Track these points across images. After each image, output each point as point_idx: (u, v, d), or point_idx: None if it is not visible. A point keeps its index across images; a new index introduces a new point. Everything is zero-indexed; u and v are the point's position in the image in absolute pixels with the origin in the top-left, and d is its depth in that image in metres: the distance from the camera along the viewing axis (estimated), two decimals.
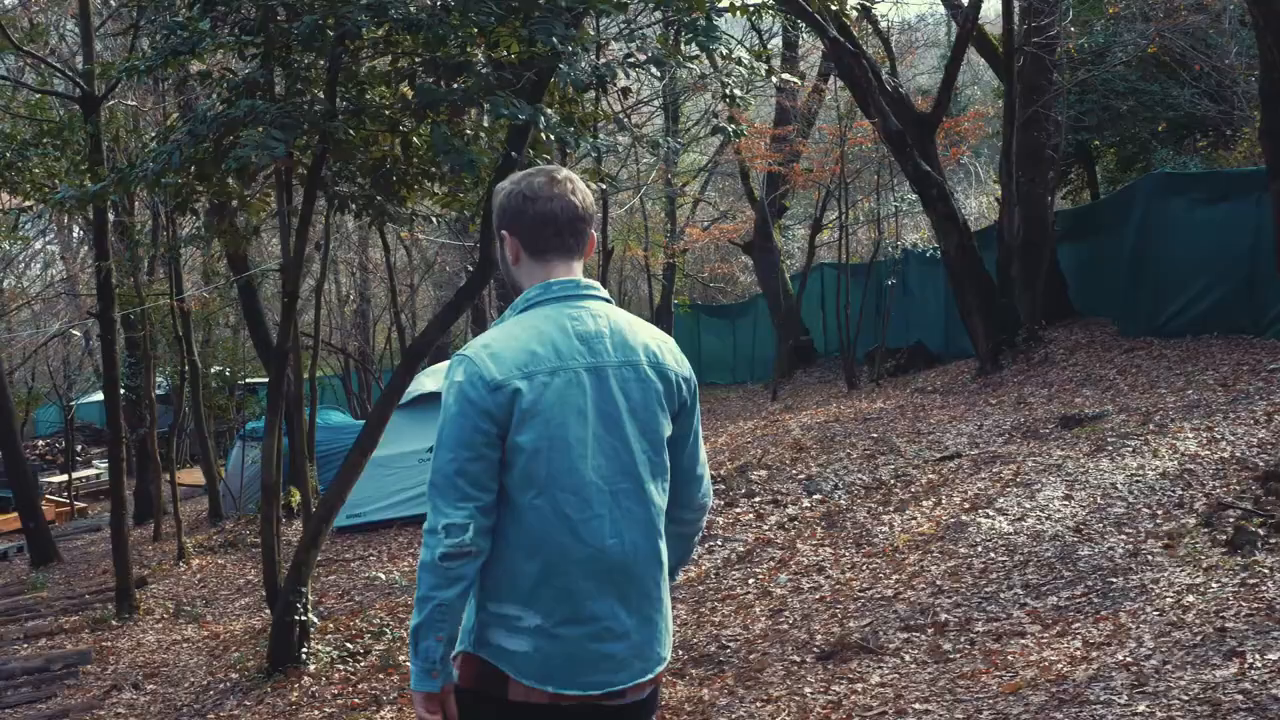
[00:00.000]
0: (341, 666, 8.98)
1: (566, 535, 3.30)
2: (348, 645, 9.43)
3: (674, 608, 8.78)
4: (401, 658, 8.77)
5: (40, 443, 38.74)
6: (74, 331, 34.75)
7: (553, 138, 8.98)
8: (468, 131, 9.35)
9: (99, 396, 41.74)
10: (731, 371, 34.15)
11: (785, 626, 8.02)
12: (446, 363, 17.12)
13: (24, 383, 35.75)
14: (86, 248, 34.34)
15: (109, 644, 11.68)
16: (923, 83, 34.94)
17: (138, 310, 19.42)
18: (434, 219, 12.30)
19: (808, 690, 6.70)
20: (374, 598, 11.74)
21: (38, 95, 15.85)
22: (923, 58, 35.68)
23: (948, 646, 7.01)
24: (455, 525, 3.23)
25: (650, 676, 3.44)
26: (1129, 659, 6.04)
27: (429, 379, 16.50)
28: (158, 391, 25.02)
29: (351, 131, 9.10)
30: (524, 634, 3.30)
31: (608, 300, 3.53)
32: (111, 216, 14.97)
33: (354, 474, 9.40)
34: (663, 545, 3.46)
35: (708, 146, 36.33)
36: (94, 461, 35.99)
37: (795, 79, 9.08)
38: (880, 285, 24.31)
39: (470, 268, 30.84)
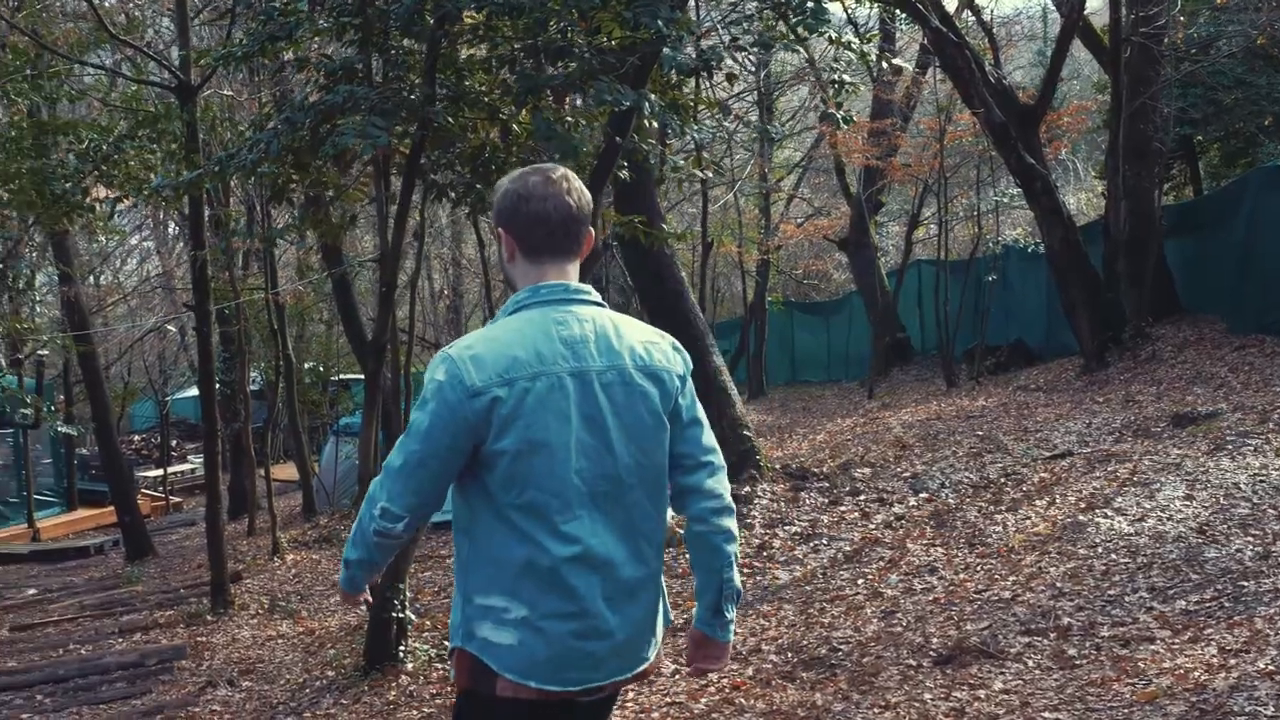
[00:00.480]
0: (440, 665, 8.75)
1: (548, 535, 3.35)
2: (446, 644, 9.19)
3: (781, 607, 8.59)
4: None
5: (136, 438, 39.10)
6: (169, 327, 34.91)
7: (655, 124, 8.75)
8: (568, 119, 9.11)
9: (194, 392, 42.07)
10: (825, 369, 33.81)
11: (899, 629, 7.73)
12: None
13: (120, 378, 35.97)
14: (182, 244, 34.53)
15: (204, 639, 11.54)
16: (1018, 78, 34.40)
17: (232, 304, 19.39)
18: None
19: (927, 696, 6.41)
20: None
21: (134, 87, 15.81)
22: (1021, 52, 35.10)
23: (1072, 652, 6.70)
24: (393, 514, 3.41)
25: (628, 676, 3.50)
26: (1271, 667, 5.70)
27: None
28: (252, 387, 25.10)
29: (450, 119, 8.91)
30: (510, 626, 3.36)
31: (599, 304, 3.55)
32: (207, 211, 14.87)
33: None
34: (651, 545, 3.50)
35: (802, 142, 35.98)
36: (189, 456, 36.38)
37: (904, 64, 8.81)
38: (979, 282, 23.88)
39: None
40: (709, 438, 3.66)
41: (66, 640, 12.64)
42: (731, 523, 3.64)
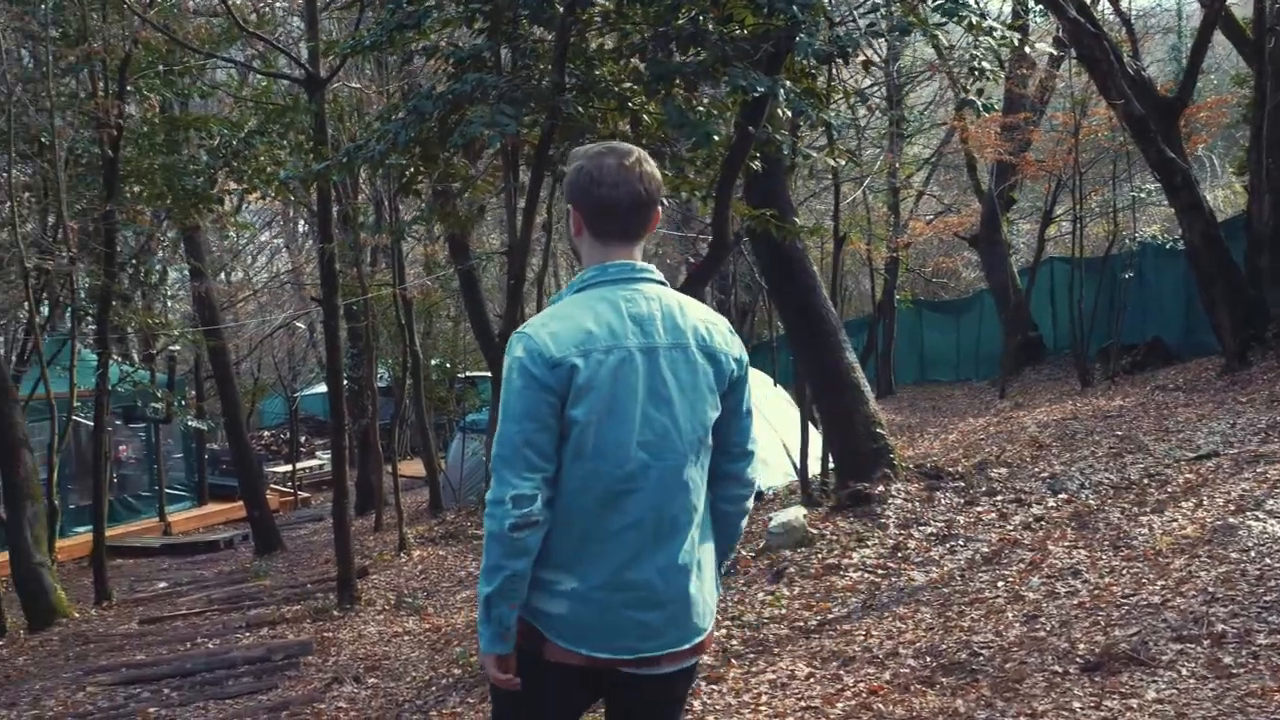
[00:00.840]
0: None
1: (608, 505, 3.48)
2: None
3: (918, 610, 8.33)
4: None
5: (266, 434, 39.39)
6: (298, 324, 35.15)
7: (789, 113, 8.54)
8: (699, 108, 8.91)
9: (322, 389, 42.33)
10: (955, 369, 33.29)
11: (1042, 634, 7.43)
12: None
13: (250, 374, 36.31)
14: (311, 240, 34.77)
15: (330, 635, 11.47)
16: (1152, 73, 33.66)
17: (360, 301, 19.42)
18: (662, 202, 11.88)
19: (1076, 705, 6.11)
20: None
21: (264, 83, 15.84)
22: (1156, 46, 34.34)
23: (1228, 660, 6.37)
24: (524, 496, 3.40)
25: (685, 647, 3.60)
26: None
27: None
28: (379, 384, 25.19)
29: (580, 109, 8.75)
30: (561, 597, 3.48)
31: (662, 283, 3.68)
32: (335, 206, 14.87)
33: None
34: (701, 521, 3.64)
35: (931, 138, 35.50)
36: (317, 452, 36.55)
37: (1048, 49, 8.51)
38: (1114, 279, 23.35)
39: (692, 259, 30.62)
40: (755, 429, 3.79)
41: (194, 634, 12.66)
42: (751, 503, 3.88)
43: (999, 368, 26.98)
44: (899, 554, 9.89)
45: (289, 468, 31.50)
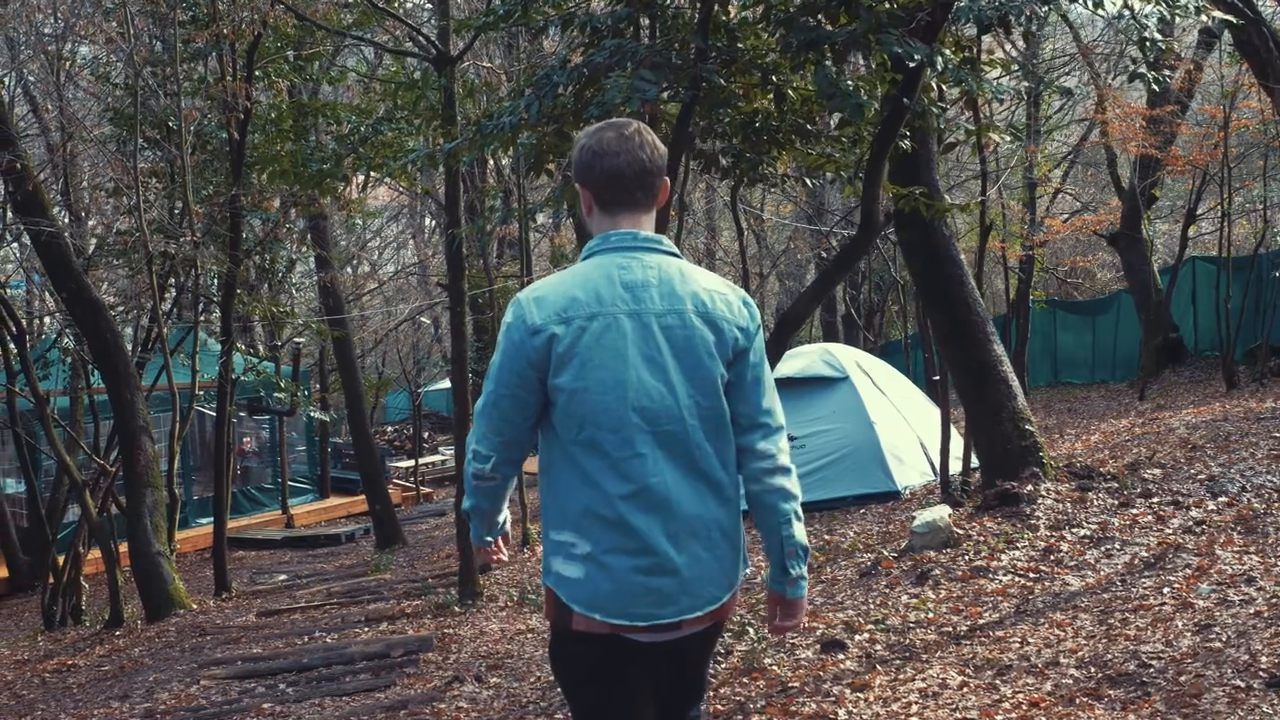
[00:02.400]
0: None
1: (607, 472, 3.52)
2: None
3: (1076, 616, 7.76)
4: (767, 660, 7.90)
5: (389, 429, 39.57)
6: (423, 319, 35.16)
7: (944, 86, 8.03)
8: (848, 81, 8.40)
9: (445, 385, 42.62)
10: (1090, 370, 32.42)
11: (1218, 645, 6.84)
12: (807, 346, 16.31)
13: (374, 369, 36.38)
14: (437, 235, 34.71)
15: (451, 631, 11.06)
16: None
17: (485, 292, 19.13)
18: (792, 180, 11.37)
19: None
20: None
21: (393, 66, 15.58)
22: None
23: None
24: (480, 453, 3.69)
25: (700, 614, 3.61)
26: None
27: (784, 363, 15.68)
28: None
29: (722, 81, 8.29)
30: (578, 561, 3.55)
31: (671, 253, 3.71)
32: (464, 194, 14.53)
33: None
34: (713, 487, 3.63)
35: (1068, 135, 34.62)
36: (440, 448, 36.65)
37: (1220, 13, 7.96)
38: (1261, 278, 22.55)
39: (824, 255, 30.10)
40: (769, 399, 3.74)
41: (312, 627, 12.35)
42: (786, 481, 3.72)
43: (1136, 369, 26.41)
44: (1051, 557, 9.32)
45: (411, 463, 31.46)
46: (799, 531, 3.75)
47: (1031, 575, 8.89)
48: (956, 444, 13.59)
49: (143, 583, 14.67)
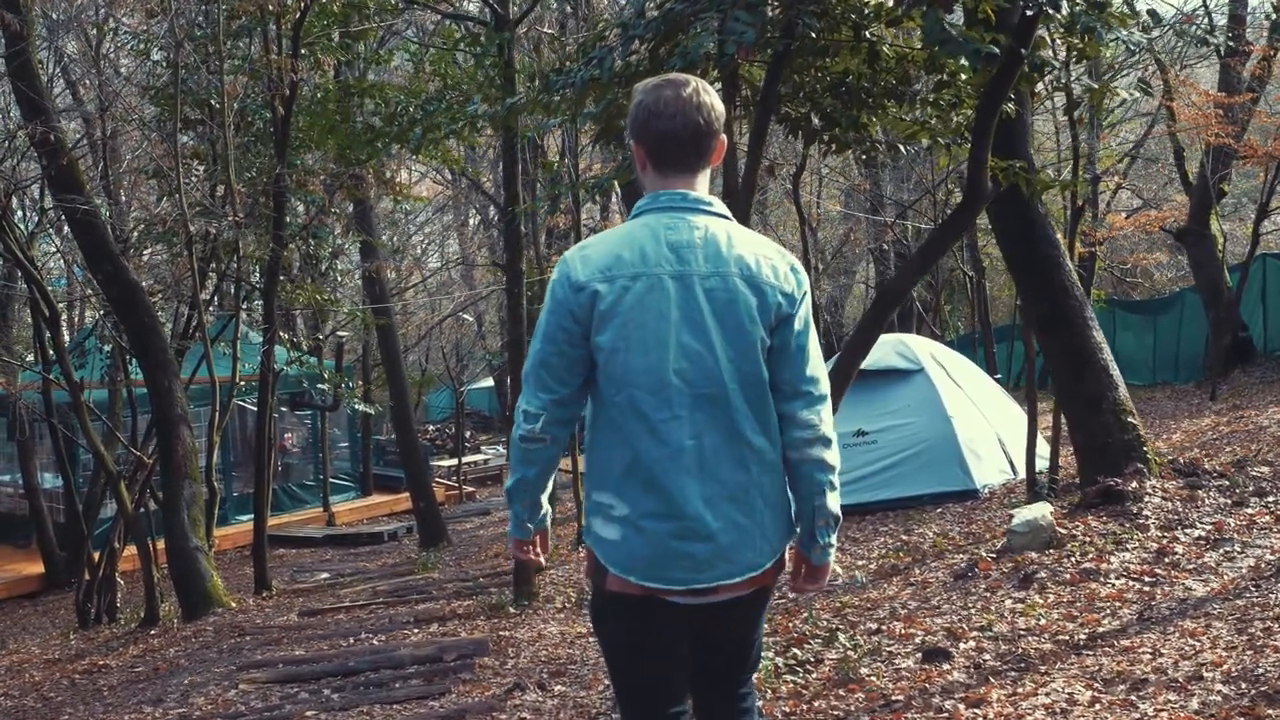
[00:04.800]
0: (790, 678, 7.33)
1: (646, 434, 3.51)
2: (794, 651, 7.80)
3: (1210, 625, 6.97)
4: (864, 670, 7.14)
5: (430, 428, 39.29)
6: (466, 315, 34.88)
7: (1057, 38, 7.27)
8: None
9: (487, 383, 42.26)
10: (1151, 371, 31.59)
11: None
12: (899, 336, 15.57)
13: (418, 365, 36.02)
14: (482, 230, 34.31)
15: (506, 634, 10.28)
16: None
17: (535, 282, 18.50)
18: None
19: None
20: (809, 594, 10.15)
21: (445, 44, 15.05)
22: None
23: None
24: (530, 413, 3.60)
25: (738, 580, 3.59)
26: None
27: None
28: None
29: (814, 35, 7.54)
30: (615, 522, 3.56)
31: (720, 215, 3.66)
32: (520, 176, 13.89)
33: None
34: (754, 453, 3.59)
35: (1130, 130, 33.76)
36: (482, 447, 36.62)
37: None
38: None
39: (884, 246, 29.35)
40: (814, 367, 3.68)
41: (358, 629, 11.62)
42: (826, 453, 3.68)
43: (1202, 370, 25.69)
44: (1165, 559, 8.52)
45: (454, 462, 31.16)
46: (833, 501, 3.73)
47: (1147, 579, 8.11)
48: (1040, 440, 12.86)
49: (179, 579, 14.13)
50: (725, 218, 3.68)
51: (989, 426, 14.60)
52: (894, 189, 29.94)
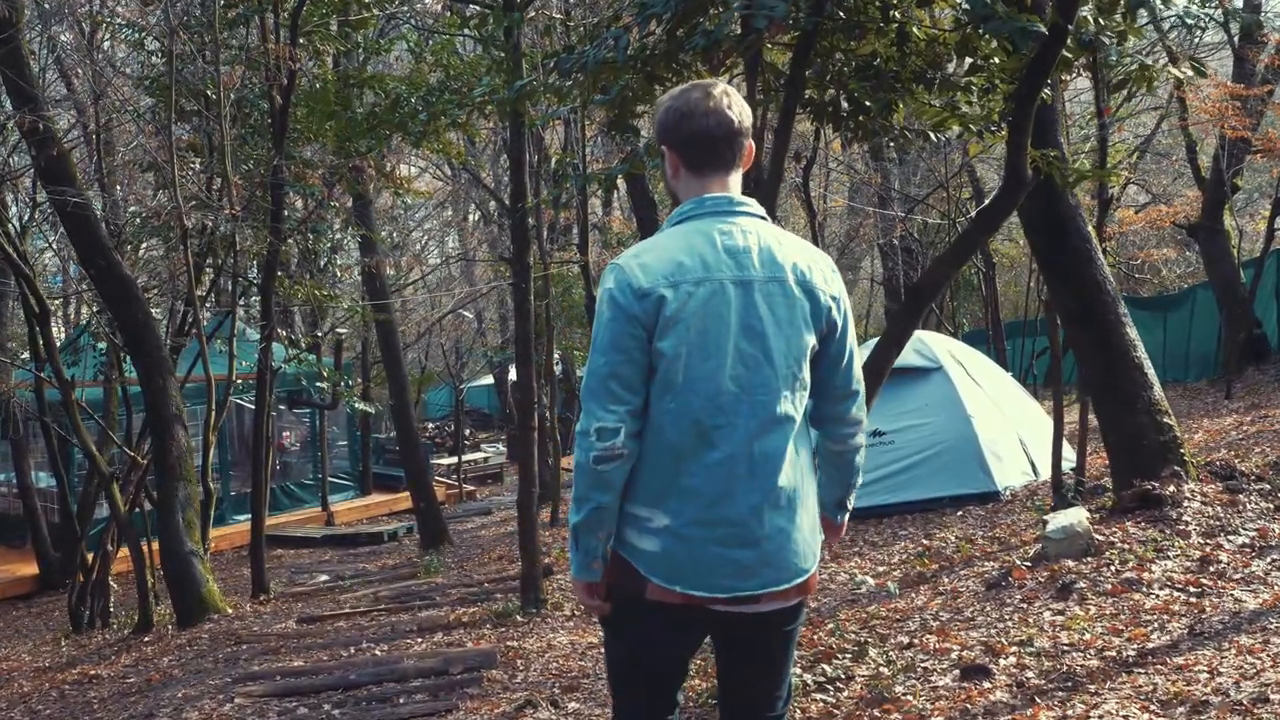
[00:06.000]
0: (820, 697, 6.89)
1: (699, 440, 3.48)
2: (823, 667, 7.35)
3: (1269, 641, 6.50)
4: (899, 689, 6.70)
5: (430, 425, 39.14)
6: (465, 313, 34.74)
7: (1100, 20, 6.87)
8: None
9: (487, 380, 42.04)
10: (1161, 368, 31.20)
11: None
12: (916, 332, 15.22)
13: (417, 363, 35.80)
14: (482, 225, 34.08)
15: (515, 644, 9.83)
16: None
17: (539, 278, 18.16)
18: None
19: None
20: (833, 603, 9.72)
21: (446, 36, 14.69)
22: None
23: None
24: (607, 429, 3.47)
25: (785, 587, 3.56)
26: None
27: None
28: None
29: (843, 13, 7.14)
30: (653, 534, 3.52)
31: (762, 217, 3.67)
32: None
33: None
34: (800, 458, 3.62)
35: (1139, 125, 33.42)
36: (481, 445, 36.81)
37: None
38: None
39: (895, 242, 28.90)
40: (858, 367, 3.75)
41: (359, 637, 11.17)
42: (864, 438, 3.88)
43: (1213, 368, 25.41)
44: (1210, 568, 8.08)
45: (453, 460, 31.10)
46: (860, 474, 3.95)
47: (1193, 590, 7.67)
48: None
49: (174, 585, 13.76)
50: (767, 220, 3.69)
51: (1009, 426, 14.20)
52: (901, 183, 29.55)
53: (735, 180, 3.70)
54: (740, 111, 3.64)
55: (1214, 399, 22.62)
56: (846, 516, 4.02)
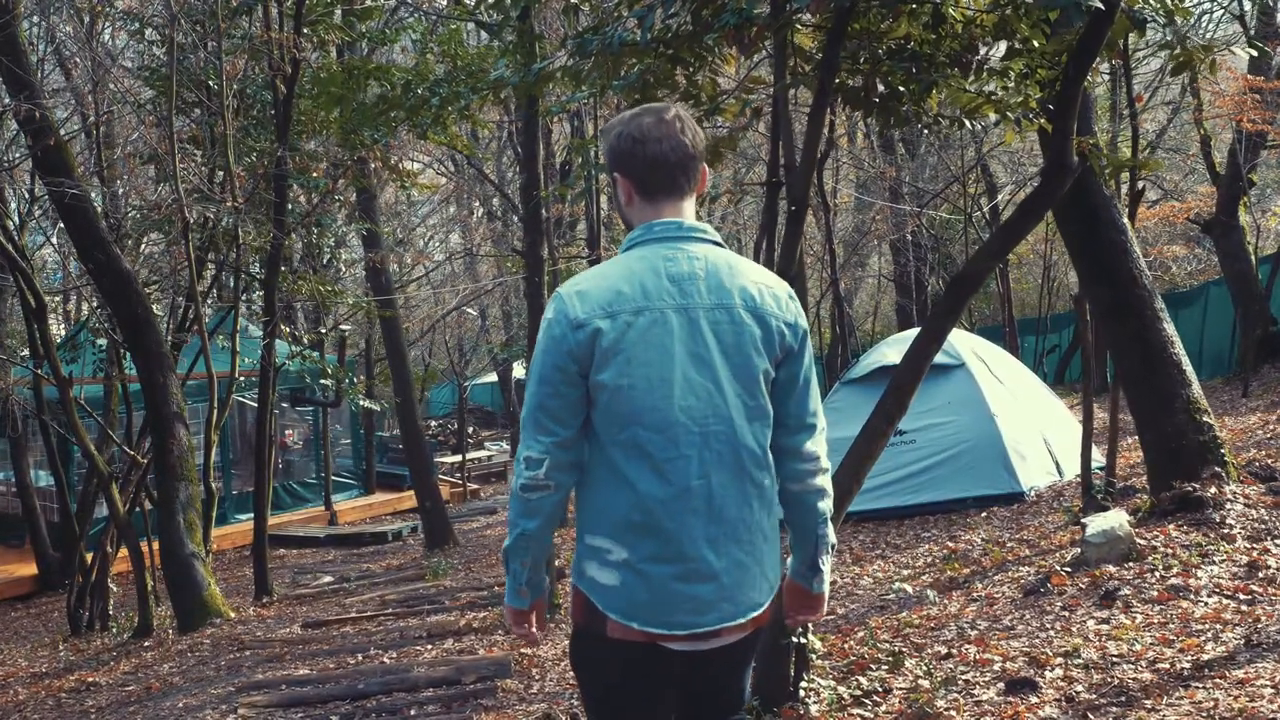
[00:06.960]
0: (858, 711, 6.52)
1: (651, 474, 3.40)
2: (858, 679, 6.97)
3: None
4: (941, 703, 6.34)
5: (433, 423, 38.90)
6: (469, 310, 34.57)
7: None
8: None
9: (491, 378, 41.75)
10: None
11: None
12: (914, 331, 14.79)
13: (420, 361, 35.58)
14: (486, 221, 33.85)
15: (528, 652, 9.50)
16: None
17: (549, 272, 17.86)
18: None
19: None
20: (861, 610, 9.35)
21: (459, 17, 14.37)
22: None
23: None
24: (533, 459, 3.43)
25: (741, 620, 3.52)
26: None
27: (891, 349, 14.17)
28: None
29: None
30: (613, 567, 3.44)
31: (715, 243, 3.61)
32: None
33: (875, 447, 6.93)
34: (757, 489, 3.52)
35: (1153, 120, 33.11)
36: (485, 443, 36.66)
37: None
38: None
39: (908, 236, 28.57)
40: (815, 399, 3.65)
41: (366, 643, 10.82)
42: (825, 481, 3.67)
43: (1228, 365, 25.20)
44: (1259, 574, 7.73)
45: (457, 458, 30.92)
46: (831, 531, 3.72)
47: (1243, 597, 7.32)
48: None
49: (175, 589, 13.51)
50: (720, 245, 3.62)
51: (1033, 425, 13.83)
52: (911, 177, 29.24)
53: (689, 206, 3.64)
54: (694, 136, 3.60)
55: (1230, 397, 22.31)
56: (825, 583, 3.76)
